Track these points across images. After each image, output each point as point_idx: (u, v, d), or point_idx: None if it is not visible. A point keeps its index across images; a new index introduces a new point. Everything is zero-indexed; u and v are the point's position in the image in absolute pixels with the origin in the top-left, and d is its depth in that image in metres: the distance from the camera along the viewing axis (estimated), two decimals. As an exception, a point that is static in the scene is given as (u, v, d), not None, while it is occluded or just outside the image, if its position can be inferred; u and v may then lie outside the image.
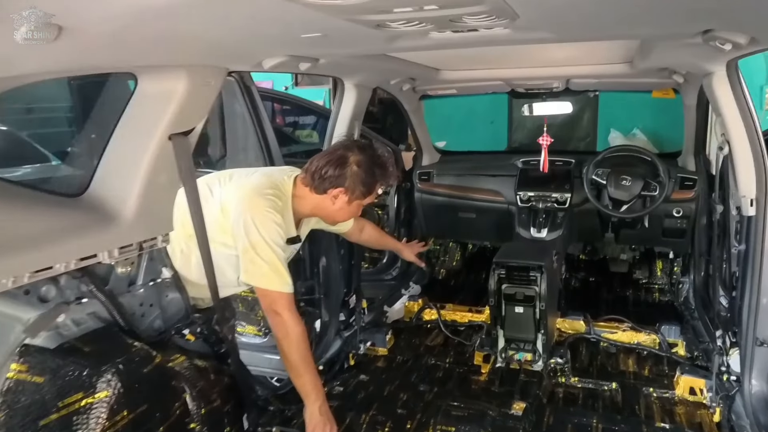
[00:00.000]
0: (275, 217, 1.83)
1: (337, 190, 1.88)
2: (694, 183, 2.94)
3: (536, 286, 2.32)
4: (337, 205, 1.91)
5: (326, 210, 1.95)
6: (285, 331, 1.83)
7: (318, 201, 1.93)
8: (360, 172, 1.87)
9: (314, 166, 1.89)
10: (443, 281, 3.85)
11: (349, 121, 2.41)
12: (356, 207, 1.96)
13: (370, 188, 1.92)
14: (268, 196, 1.85)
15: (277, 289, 1.82)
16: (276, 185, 1.92)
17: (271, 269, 1.80)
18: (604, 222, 3.14)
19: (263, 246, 1.79)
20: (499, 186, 3.28)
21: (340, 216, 2.00)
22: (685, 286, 3.20)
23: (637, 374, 2.42)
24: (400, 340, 2.88)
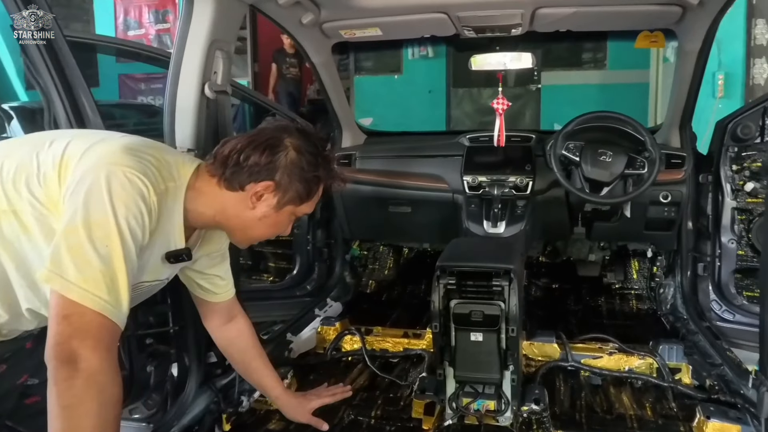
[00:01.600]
0: (149, 196, 1.09)
1: (262, 184, 1.22)
2: (682, 161, 2.30)
3: (501, 301, 1.55)
4: (260, 210, 1.25)
5: (240, 218, 1.26)
6: (84, 391, 0.95)
7: (229, 202, 1.24)
8: (300, 162, 1.23)
9: (228, 148, 1.23)
10: (372, 296, 3.04)
11: (206, 50, 1.52)
12: (286, 218, 1.31)
13: (310, 189, 1.28)
14: (144, 160, 1.13)
15: (96, 308, 1.00)
16: (166, 161, 1.19)
17: (102, 272, 1.01)
18: (574, 214, 2.45)
19: (108, 230, 1.03)
20: (441, 169, 2.52)
21: (260, 230, 1.31)
22: (669, 290, 2.56)
23: (641, 418, 1.69)
24: (307, 384, 2.02)
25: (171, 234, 1.22)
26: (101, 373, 0.96)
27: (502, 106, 2.19)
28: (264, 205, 1.24)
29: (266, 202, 1.23)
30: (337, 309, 2.73)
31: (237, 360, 1.65)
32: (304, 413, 1.66)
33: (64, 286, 0.99)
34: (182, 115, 1.46)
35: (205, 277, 1.49)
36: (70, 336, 0.97)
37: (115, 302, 1.02)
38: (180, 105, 1.47)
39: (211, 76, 1.53)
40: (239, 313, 1.62)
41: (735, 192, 2.27)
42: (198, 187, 1.23)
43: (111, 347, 1.01)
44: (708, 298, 2.41)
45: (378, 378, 2.07)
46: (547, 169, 2.34)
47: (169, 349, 1.77)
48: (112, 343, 1.01)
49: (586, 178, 2.13)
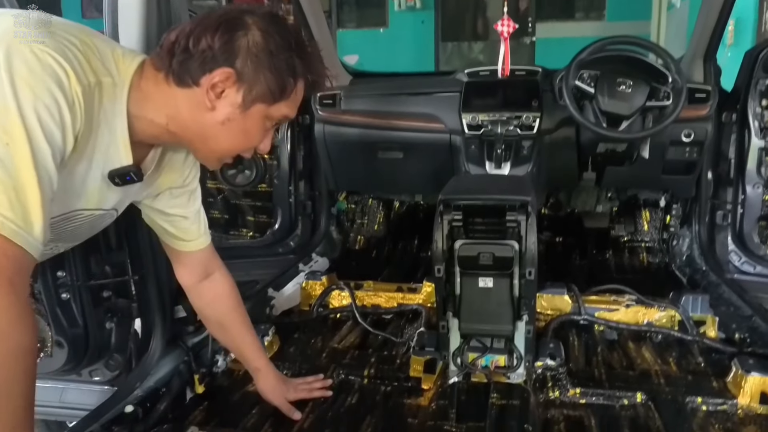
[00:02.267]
0: (64, 76, 0.82)
1: (219, 73, 0.93)
2: (707, 95, 2.07)
3: (515, 240, 1.32)
4: (222, 111, 0.96)
5: (198, 123, 0.98)
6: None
7: (182, 103, 0.96)
8: (267, 44, 0.95)
9: (176, 33, 0.95)
10: (360, 253, 2.81)
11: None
12: (258, 123, 1.01)
13: (284, 81, 0.97)
14: (64, 39, 0.86)
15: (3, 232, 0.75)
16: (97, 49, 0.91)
17: (7, 180, 0.76)
18: (584, 157, 2.22)
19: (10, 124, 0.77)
20: (436, 108, 2.26)
21: (226, 139, 1.01)
22: (684, 242, 2.36)
23: (667, 374, 1.50)
24: (291, 343, 1.80)
25: (112, 146, 0.96)
26: (7, 310, 0.73)
27: (507, 28, 1.92)
28: (226, 103, 0.96)
29: (228, 99, 0.95)
30: (324, 264, 2.51)
31: (212, 325, 1.42)
32: (279, 397, 1.40)
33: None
34: (126, 10, 1.17)
35: (169, 218, 1.24)
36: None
37: (22, 221, 0.77)
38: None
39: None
40: (217, 270, 1.36)
41: (764, 130, 2.05)
42: (144, 88, 0.96)
43: (16, 281, 0.75)
44: (726, 250, 2.21)
45: (370, 336, 1.86)
46: (555, 106, 2.10)
47: (130, 303, 1.52)
48: (18, 276, 0.76)
49: (603, 112, 1.89)
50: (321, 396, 1.46)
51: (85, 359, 1.50)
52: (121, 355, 1.55)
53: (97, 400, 1.55)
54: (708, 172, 2.21)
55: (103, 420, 1.26)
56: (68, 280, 1.39)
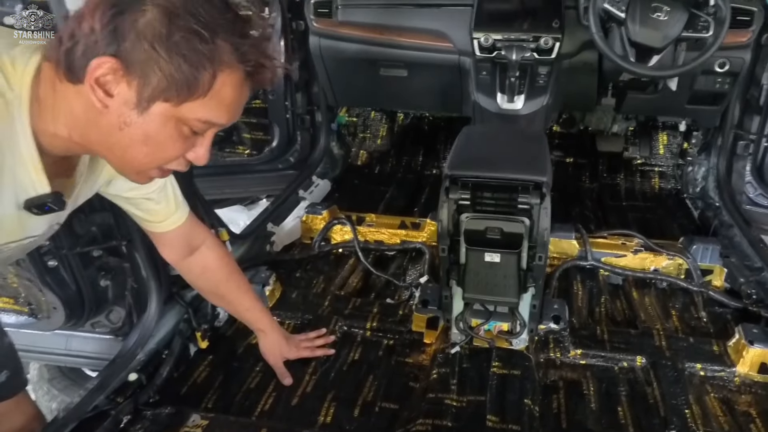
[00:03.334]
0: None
1: (98, 62, 0.72)
2: (750, 18, 1.83)
3: (528, 217, 1.23)
4: (114, 112, 0.76)
5: (98, 128, 0.78)
6: None
7: (76, 104, 0.77)
8: (167, 23, 0.72)
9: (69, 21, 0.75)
10: (363, 169, 2.71)
11: None
12: (161, 125, 0.78)
13: (194, 68, 0.74)
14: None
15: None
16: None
17: None
18: (605, 82, 2.03)
19: None
20: (445, 24, 2.02)
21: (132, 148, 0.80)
22: (699, 170, 2.26)
23: (670, 336, 1.50)
24: (293, 284, 1.79)
25: (21, 173, 0.80)
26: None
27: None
28: (118, 102, 0.75)
29: (120, 96, 0.75)
30: (325, 188, 2.43)
31: (208, 295, 1.40)
32: (278, 359, 1.41)
33: None
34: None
35: (131, 201, 1.12)
36: None
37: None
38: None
39: None
40: (204, 242, 1.28)
41: None
42: (42, 96, 0.78)
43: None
44: (742, 181, 2.13)
45: (373, 276, 1.85)
46: (578, 25, 1.87)
47: (122, 262, 1.48)
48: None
49: (632, 42, 1.68)
50: (323, 354, 1.48)
51: (84, 316, 1.51)
52: (121, 307, 1.55)
53: (101, 348, 1.59)
54: (736, 101, 2.04)
55: (108, 391, 1.28)
56: (53, 248, 1.34)
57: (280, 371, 1.40)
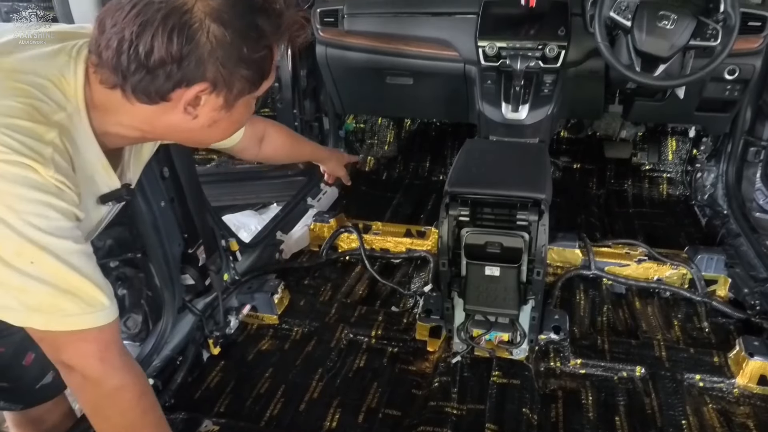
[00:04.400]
0: (37, 174, 0.75)
1: (194, 90, 0.82)
2: (762, 23, 1.81)
3: (527, 233, 1.25)
4: (205, 118, 0.87)
5: (181, 128, 0.89)
6: (99, 401, 0.91)
7: (155, 115, 0.86)
8: (230, 36, 0.80)
9: (115, 39, 0.78)
10: (371, 175, 2.74)
11: None
12: (244, 109, 0.92)
13: (262, 63, 0.86)
14: (10, 123, 0.75)
15: (72, 327, 0.83)
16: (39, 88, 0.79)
17: (53, 290, 0.80)
18: (611, 89, 2.04)
19: (18, 245, 0.76)
20: (450, 33, 2.04)
21: (216, 134, 0.94)
22: (709, 177, 2.25)
23: (670, 346, 1.51)
24: (301, 291, 1.83)
25: (96, 174, 0.90)
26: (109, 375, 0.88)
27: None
28: (207, 109, 0.86)
29: (208, 105, 0.85)
30: (332, 195, 2.47)
31: (282, 158, 1.77)
32: (338, 168, 1.93)
33: (21, 320, 0.82)
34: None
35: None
36: (70, 365, 0.87)
37: (87, 306, 0.83)
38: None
39: None
40: (264, 130, 1.49)
41: None
42: (98, 102, 0.84)
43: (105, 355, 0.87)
44: (752, 187, 2.12)
45: (378, 283, 1.88)
46: (584, 33, 1.87)
47: (137, 272, 1.54)
48: (105, 351, 0.87)
49: (638, 51, 1.68)
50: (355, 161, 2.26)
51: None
52: (137, 314, 1.61)
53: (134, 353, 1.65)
54: (747, 107, 2.03)
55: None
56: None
57: (343, 176, 1.99)
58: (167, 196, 1.41)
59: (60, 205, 0.78)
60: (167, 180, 1.40)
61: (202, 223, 1.55)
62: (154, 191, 1.35)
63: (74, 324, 0.83)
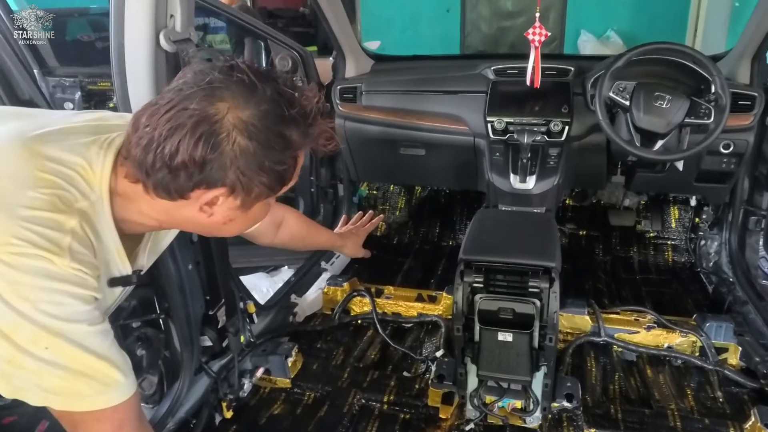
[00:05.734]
0: (54, 266, 0.80)
1: (212, 193, 0.86)
2: (752, 103, 1.93)
3: (538, 299, 1.31)
4: (220, 216, 0.91)
5: (197, 222, 0.94)
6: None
7: (172, 209, 0.90)
8: (253, 147, 0.82)
9: (145, 140, 0.82)
10: (382, 240, 2.81)
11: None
12: (261, 209, 0.96)
13: (283, 172, 0.88)
14: (31, 215, 0.80)
15: (88, 408, 0.86)
16: (64, 176, 0.85)
17: (67, 373, 0.83)
18: (614, 161, 2.14)
19: (32, 332, 0.79)
20: (460, 108, 2.17)
21: (231, 230, 0.99)
22: (712, 245, 2.31)
23: (684, 416, 1.51)
24: (314, 356, 1.86)
25: (111, 260, 0.94)
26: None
27: (539, 37, 1.79)
28: (223, 209, 0.90)
29: (225, 206, 0.89)
30: (345, 259, 2.52)
31: (298, 245, 1.81)
32: (359, 249, 2.09)
33: (38, 400, 0.84)
34: (135, 76, 1.12)
35: None
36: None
37: (104, 387, 0.85)
38: (131, 62, 1.11)
39: (167, 21, 1.15)
40: (283, 216, 1.59)
41: None
42: (122, 192, 0.90)
43: (130, 424, 0.90)
44: (756, 255, 2.17)
45: (390, 348, 1.90)
46: (586, 110, 2.00)
47: (158, 333, 1.58)
48: (129, 420, 0.90)
49: (637, 128, 1.79)
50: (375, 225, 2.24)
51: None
52: (153, 375, 1.63)
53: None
54: (745, 177, 2.12)
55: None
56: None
57: (364, 252, 2.14)
58: (194, 260, 1.48)
59: (75, 291, 0.82)
60: (195, 244, 1.47)
61: (224, 286, 1.61)
62: (183, 254, 1.42)
63: (88, 405, 0.85)
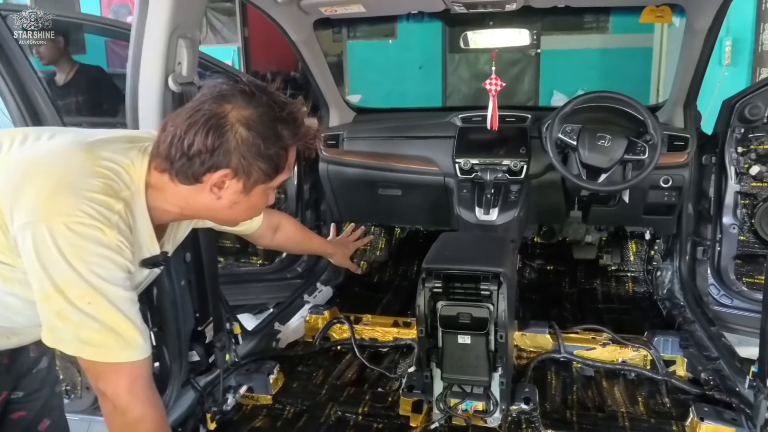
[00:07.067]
0: (105, 236, 1.00)
1: (218, 174, 1.07)
2: (685, 143, 2.19)
3: (491, 303, 1.48)
4: (226, 199, 1.12)
5: (209, 208, 1.15)
6: (123, 428, 1.09)
7: (190, 195, 1.12)
8: (254, 138, 1.05)
9: (169, 136, 1.06)
10: (363, 278, 2.97)
11: (167, 39, 1.36)
12: (260, 197, 1.16)
13: (276, 163, 1.10)
14: (90, 196, 1.00)
15: (111, 359, 1.03)
16: (113, 171, 1.07)
17: (102, 327, 1.01)
18: (570, 197, 2.36)
19: (82, 289, 0.99)
20: (432, 151, 2.42)
21: (236, 215, 1.20)
22: (666, 274, 2.50)
23: (633, 417, 1.65)
24: (295, 377, 1.98)
25: (143, 242, 1.14)
26: (135, 407, 1.06)
27: (495, 87, 2.06)
28: (229, 192, 1.10)
29: (230, 189, 1.09)
30: (327, 294, 2.68)
31: (293, 247, 2.12)
32: (344, 259, 2.26)
33: (73, 350, 1.02)
34: (146, 112, 1.35)
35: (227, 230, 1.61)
36: (104, 392, 1.06)
37: (126, 344, 1.03)
38: (143, 101, 1.35)
39: (175, 67, 1.40)
40: (279, 221, 1.82)
41: (739, 175, 2.18)
42: (154, 184, 1.11)
43: (134, 388, 1.05)
44: (706, 283, 2.35)
45: (367, 369, 2.03)
46: (542, 151, 2.25)
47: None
48: (135, 383, 1.05)
49: (583, 164, 2.03)
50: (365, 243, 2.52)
51: (111, 399, 1.70)
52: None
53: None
54: (689, 210, 2.34)
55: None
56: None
57: (353, 268, 2.38)
58: (187, 277, 1.64)
59: (118, 259, 1.02)
60: (188, 263, 1.64)
61: (213, 304, 1.76)
62: (177, 271, 1.59)
63: (113, 357, 1.03)
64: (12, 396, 1.29)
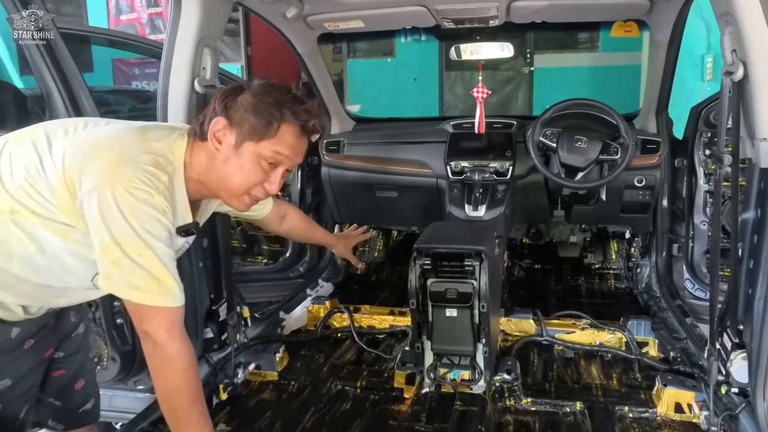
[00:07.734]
0: (154, 199, 1.19)
1: (216, 122, 1.28)
2: (657, 146, 2.40)
3: (474, 279, 1.66)
4: (222, 153, 1.29)
5: (213, 167, 1.31)
6: (161, 362, 1.26)
7: (204, 156, 1.32)
8: (256, 99, 1.29)
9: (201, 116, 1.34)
10: (362, 277, 3.15)
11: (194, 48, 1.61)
12: (250, 158, 1.29)
13: (268, 122, 1.27)
14: (144, 167, 1.21)
15: (154, 303, 1.22)
16: (160, 152, 1.27)
17: (148, 275, 1.20)
18: (553, 197, 2.56)
19: (135, 242, 1.18)
20: (425, 156, 2.63)
21: (229, 172, 1.31)
22: (645, 270, 2.68)
23: (606, 387, 1.82)
24: (298, 358, 2.15)
25: (180, 210, 1.32)
26: (172, 345, 1.23)
27: (481, 94, 2.28)
28: (225, 146, 1.27)
29: (225, 142, 1.27)
30: (328, 289, 2.85)
31: (298, 236, 2.25)
32: (346, 250, 2.36)
33: (124, 293, 1.20)
34: (174, 110, 1.57)
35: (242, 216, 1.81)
36: (139, 323, 1.23)
37: (166, 291, 1.20)
38: (172, 100, 1.57)
39: (200, 72, 1.63)
40: (287, 211, 1.98)
41: (708, 176, 2.38)
42: (188, 161, 1.32)
43: (173, 326, 1.23)
44: (682, 278, 2.53)
45: (365, 353, 2.20)
46: (526, 154, 2.44)
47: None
48: (172, 326, 1.23)
49: (563, 164, 2.23)
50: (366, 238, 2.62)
51: (133, 371, 1.88)
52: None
53: (140, 405, 1.91)
54: (664, 208, 2.54)
55: (151, 418, 1.62)
56: (122, 308, 1.77)
57: (355, 260, 2.42)
58: (204, 260, 1.83)
59: (163, 220, 1.20)
60: (205, 249, 1.83)
61: (227, 286, 1.95)
62: (195, 254, 1.78)
63: (155, 301, 1.20)
64: (55, 355, 1.47)
